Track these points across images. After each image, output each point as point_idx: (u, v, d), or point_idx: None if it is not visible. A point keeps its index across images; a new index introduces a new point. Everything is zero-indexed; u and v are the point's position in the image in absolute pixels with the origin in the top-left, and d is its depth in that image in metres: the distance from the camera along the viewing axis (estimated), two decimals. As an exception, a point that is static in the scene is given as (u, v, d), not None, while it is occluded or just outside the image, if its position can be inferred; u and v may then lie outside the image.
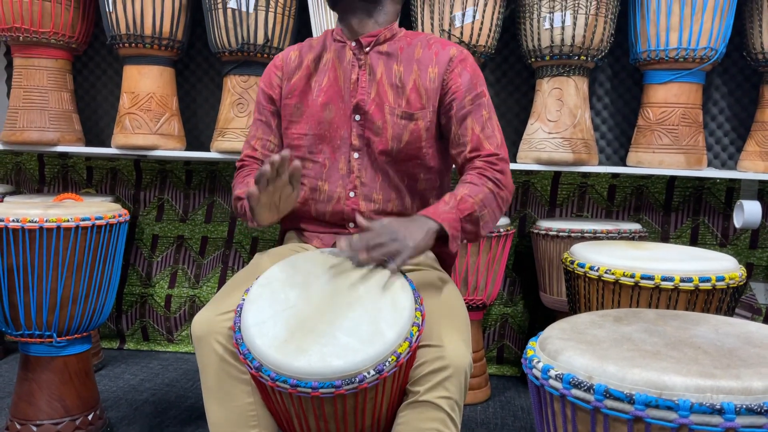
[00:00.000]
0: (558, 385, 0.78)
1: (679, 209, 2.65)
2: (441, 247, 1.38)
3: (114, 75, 2.82)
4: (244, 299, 1.29)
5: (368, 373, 1.13)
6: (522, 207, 2.74)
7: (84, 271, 1.90)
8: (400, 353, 1.16)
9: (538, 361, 0.84)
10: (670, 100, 2.31)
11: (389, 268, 1.26)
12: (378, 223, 1.34)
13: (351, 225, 1.54)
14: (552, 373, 0.80)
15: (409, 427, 1.23)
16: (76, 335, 1.96)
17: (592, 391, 0.74)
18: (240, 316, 1.25)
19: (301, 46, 1.60)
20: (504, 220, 2.41)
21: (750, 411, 0.68)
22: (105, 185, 2.95)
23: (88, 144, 2.74)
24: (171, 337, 2.91)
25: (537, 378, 0.82)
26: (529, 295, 2.74)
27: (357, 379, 1.12)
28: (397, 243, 1.28)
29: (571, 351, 0.81)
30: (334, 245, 1.55)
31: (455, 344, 1.25)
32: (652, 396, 0.70)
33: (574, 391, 0.76)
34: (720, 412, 0.68)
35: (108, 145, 2.75)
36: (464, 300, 2.31)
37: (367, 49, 1.51)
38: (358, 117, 1.51)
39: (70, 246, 1.85)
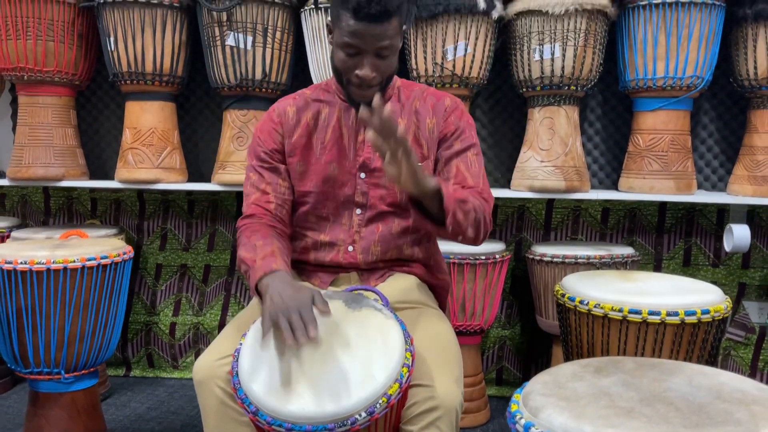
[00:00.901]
0: (538, 442, 0.84)
1: (672, 231, 2.70)
2: (425, 222, 1.40)
3: (116, 108, 2.89)
4: (241, 344, 1.34)
5: (360, 415, 1.18)
6: (517, 231, 2.80)
7: (90, 309, 1.96)
8: (391, 395, 1.21)
9: (521, 417, 0.89)
10: (659, 126, 2.36)
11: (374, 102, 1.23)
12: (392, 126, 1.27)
13: (350, 248, 1.58)
14: (533, 430, 0.85)
15: (402, 466, 1.28)
16: (83, 371, 2.02)
17: (569, 450, 0.79)
18: (237, 360, 1.30)
19: (296, 102, 1.60)
20: (499, 246, 2.47)
21: (713, 472, 0.73)
22: (109, 216, 3.01)
23: (92, 176, 2.80)
24: (176, 363, 2.97)
25: (519, 433, 0.87)
26: (526, 318, 2.79)
27: (349, 422, 1.17)
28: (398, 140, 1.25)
29: (551, 409, 0.86)
30: (332, 283, 1.61)
31: (446, 384, 1.31)
32: (624, 457, 0.76)
33: (553, 450, 0.81)
34: (685, 473, 0.73)
35: (111, 177, 2.81)
36: (462, 325, 2.39)
37: None
38: (363, 175, 1.56)
39: (77, 286, 1.91)
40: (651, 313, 1.56)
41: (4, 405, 2.64)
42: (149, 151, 2.54)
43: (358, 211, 1.57)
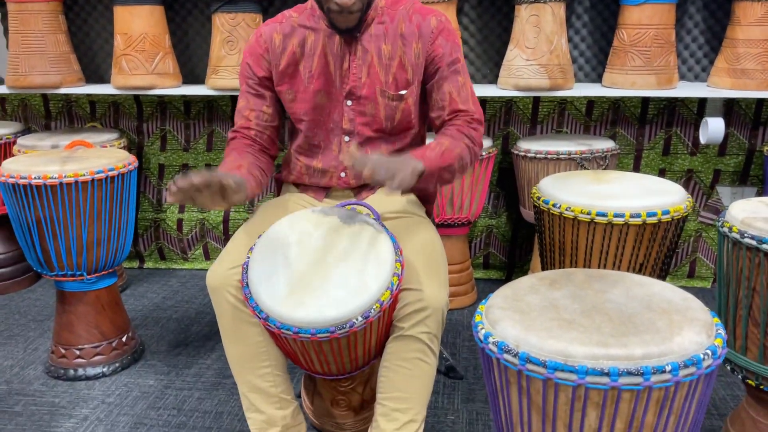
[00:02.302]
0: (495, 349, 1.02)
1: (653, 121, 2.80)
2: (418, 184, 1.55)
3: (104, 10, 2.88)
4: (249, 257, 1.51)
5: (356, 319, 1.37)
6: (505, 125, 2.90)
7: (104, 217, 2.12)
8: (383, 300, 1.40)
9: (482, 328, 1.07)
10: (644, 21, 2.39)
11: (385, 193, 1.37)
12: (370, 157, 1.43)
13: (342, 174, 1.72)
14: (491, 339, 1.03)
15: (395, 356, 1.50)
16: (103, 272, 2.22)
17: (517, 357, 0.98)
18: (247, 273, 1.48)
19: (282, 28, 1.64)
20: (486, 143, 2.58)
21: (629, 373, 0.91)
22: (109, 118, 3.09)
23: (87, 81, 2.86)
24: (185, 255, 3.19)
25: (480, 340, 1.05)
26: (512, 208, 2.96)
27: (348, 325, 1.37)
28: (385, 173, 1.33)
29: (506, 321, 1.04)
30: (327, 195, 1.76)
31: (433, 288, 1.49)
32: (559, 362, 0.94)
33: (506, 356, 1.00)
34: (607, 374, 0.91)
35: (106, 81, 2.88)
36: (450, 218, 2.56)
37: (358, 34, 1.60)
38: (350, 102, 1.64)
39: (89, 197, 2.06)
40: (616, 215, 1.71)
41: (32, 297, 2.89)
42: (142, 57, 2.58)
43: (346, 138, 1.67)
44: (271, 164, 1.74)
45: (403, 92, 1.62)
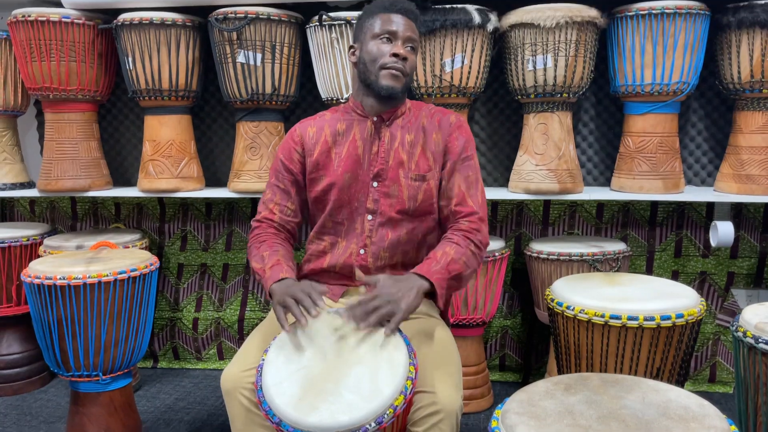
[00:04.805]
0: (511, 456, 1.02)
1: (663, 224, 2.85)
2: (431, 297, 1.61)
3: (135, 118, 3.05)
4: (263, 359, 1.53)
5: (370, 425, 1.36)
6: (517, 227, 2.96)
7: (123, 317, 2.16)
8: (397, 405, 1.40)
9: (498, 434, 1.07)
10: (648, 129, 2.50)
11: (385, 332, 1.48)
12: (374, 279, 1.55)
13: (362, 251, 1.77)
14: (506, 446, 1.03)
15: (410, 462, 1.47)
16: (119, 372, 2.23)
17: (534, 464, 0.97)
18: (260, 375, 1.49)
19: (317, 122, 1.81)
20: (499, 244, 2.63)
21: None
22: (132, 219, 3.20)
23: (115, 184, 2.99)
24: (199, 355, 3.18)
25: (497, 447, 1.05)
26: (527, 308, 2.96)
27: (361, 431, 1.36)
28: (390, 305, 1.49)
29: (522, 427, 1.04)
30: (343, 295, 1.79)
31: (447, 390, 1.49)
32: (576, 471, 0.94)
33: (522, 463, 0.99)
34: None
35: (133, 183, 3.01)
36: (465, 319, 2.57)
37: (388, 123, 1.76)
38: (376, 183, 1.74)
39: (111, 297, 2.11)
40: (630, 318, 1.73)
41: (44, 398, 2.87)
42: (168, 162, 2.71)
43: (369, 217, 1.75)
44: (291, 251, 1.84)
45: (425, 174, 1.72)
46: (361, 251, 1.76)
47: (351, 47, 1.79)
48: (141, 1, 2.61)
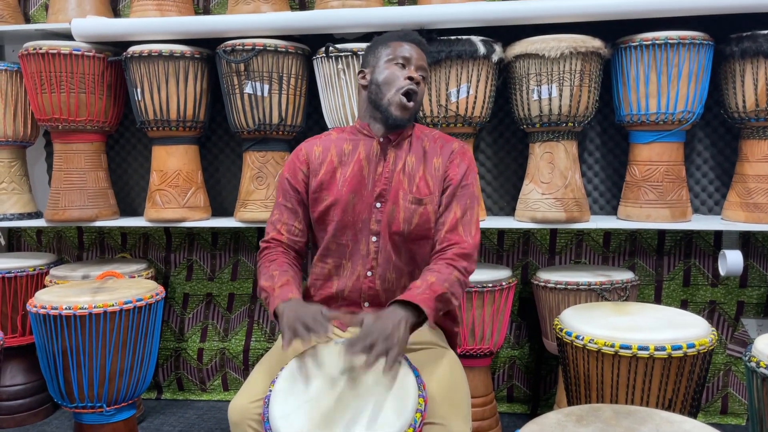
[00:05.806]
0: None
1: (671, 253, 2.83)
2: (420, 325, 1.57)
3: (143, 149, 3.08)
4: (271, 390, 1.51)
5: (379, 459, 1.34)
6: (524, 256, 2.94)
7: (128, 347, 2.15)
8: (406, 438, 1.37)
9: (509, 467, 1.05)
10: (654, 158, 2.50)
11: (384, 370, 1.42)
12: (359, 319, 1.49)
13: (366, 304, 1.75)
14: (518, 479, 1.01)
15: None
16: (123, 403, 2.21)
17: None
18: (268, 407, 1.47)
19: (323, 142, 1.81)
20: (505, 273, 2.62)
21: None
22: (138, 249, 3.20)
23: (121, 214, 3.00)
24: (204, 386, 3.15)
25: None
26: (534, 338, 2.93)
27: (369, 464, 1.34)
28: (386, 342, 1.42)
29: (533, 460, 1.02)
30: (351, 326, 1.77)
31: (456, 422, 1.48)
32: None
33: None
34: None
35: (140, 213, 3.01)
36: (472, 349, 2.54)
37: (394, 143, 1.77)
38: (378, 204, 1.73)
39: (116, 327, 2.10)
40: (640, 348, 1.71)
41: (47, 430, 2.84)
42: (175, 191, 2.72)
43: (374, 238, 1.74)
44: (300, 272, 1.81)
45: (422, 198, 1.71)
46: (368, 273, 1.74)
47: (360, 71, 1.81)
48: (150, 34, 2.65)
